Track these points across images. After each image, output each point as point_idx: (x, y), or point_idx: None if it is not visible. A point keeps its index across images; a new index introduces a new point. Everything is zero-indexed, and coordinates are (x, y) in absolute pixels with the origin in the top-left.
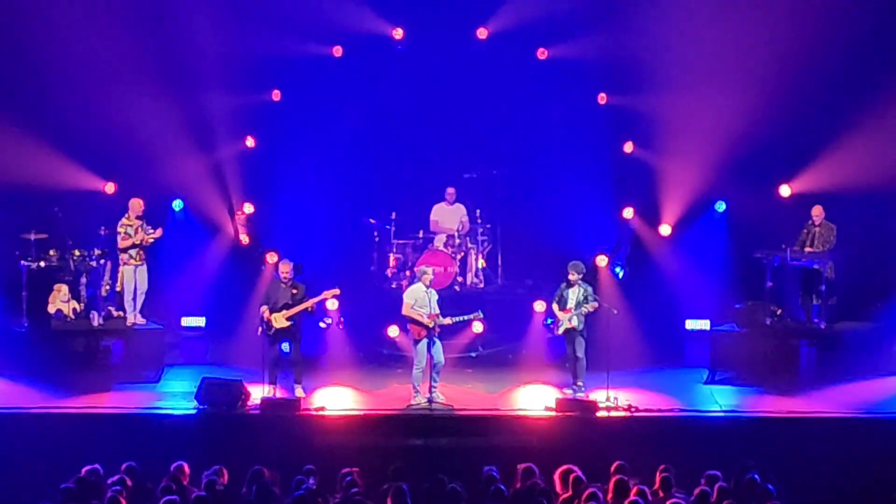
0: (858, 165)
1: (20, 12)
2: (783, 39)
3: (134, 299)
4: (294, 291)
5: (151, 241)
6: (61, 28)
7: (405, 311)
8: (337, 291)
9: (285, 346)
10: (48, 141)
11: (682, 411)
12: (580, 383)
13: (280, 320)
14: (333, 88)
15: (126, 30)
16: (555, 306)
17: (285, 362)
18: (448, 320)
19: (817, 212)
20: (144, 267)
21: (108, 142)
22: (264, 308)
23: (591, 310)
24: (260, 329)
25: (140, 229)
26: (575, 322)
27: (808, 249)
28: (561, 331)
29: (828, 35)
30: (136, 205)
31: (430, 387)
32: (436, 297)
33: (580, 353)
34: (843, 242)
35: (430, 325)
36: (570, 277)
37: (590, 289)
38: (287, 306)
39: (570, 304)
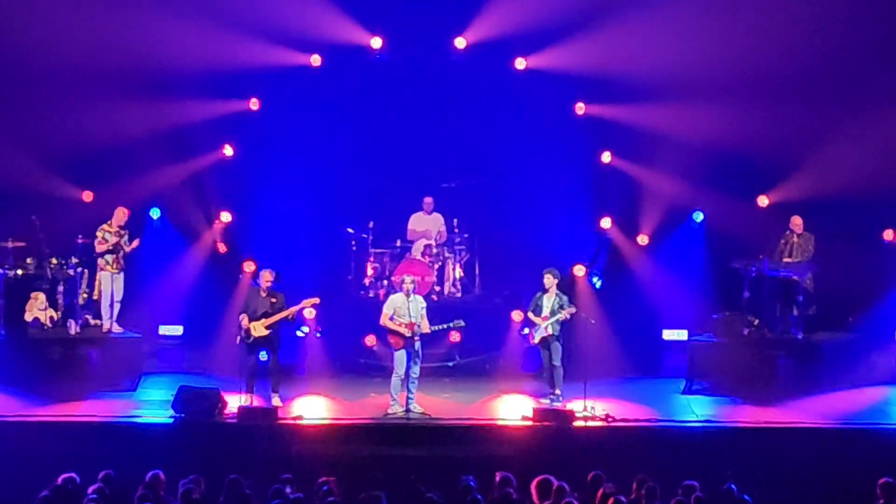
0: (836, 175)
1: None
2: (761, 50)
3: (111, 307)
4: (273, 300)
5: (128, 250)
6: (39, 36)
7: (382, 321)
8: (317, 300)
9: (263, 355)
10: (25, 149)
11: (660, 421)
12: (558, 392)
13: (259, 329)
14: (312, 97)
15: (104, 38)
16: (530, 314)
17: (263, 371)
18: (428, 329)
19: (797, 222)
20: (122, 276)
21: (85, 150)
22: (243, 316)
23: (566, 317)
24: (238, 337)
25: (119, 237)
26: (551, 329)
27: (786, 260)
28: (537, 339)
29: (805, 45)
30: (121, 213)
31: (407, 397)
32: (422, 305)
33: (556, 362)
34: (820, 253)
35: (409, 335)
36: (546, 283)
37: (565, 297)
38: (266, 315)
39: (546, 311)
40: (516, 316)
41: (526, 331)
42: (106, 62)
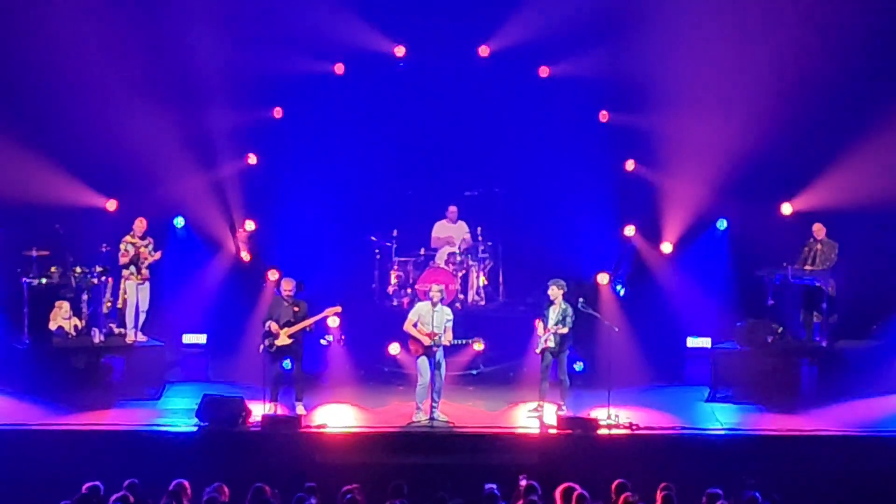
0: (859, 183)
1: (24, 29)
2: (785, 57)
3: (136, 317)
4: (296, 309)
5: (150, 260)
6: (64, 45)
7: (406, 326)
8: (338, 309)
9: (287, 364)
10: (50, 158)
11: (684, 429)
12: (541, 405)
13: (282, 337)
14: (335, 106)
15: (128, 47)
16: (538, 324)
17: (287, 380)
18: (448, 341)
19: (818, 228)
20: (147, 286)
21: (109, 159)
22: (270, 322)
23: (564, 331)
24: (262, 346)
25: (143, 248)
26: (552, 342)
27: (808, 267)
28: (539, 350)
29: (829, 52)
30: (140, 224)
31: (431, 405)
32: (448, 316)
33: (562, 376)
34: (844, 260)
35: (429, 344)
36: (550, 295)
37: (570, 309)
38: (289, 323)
39: (550, 323)
40: (540, 324)
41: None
42: (130, 71)
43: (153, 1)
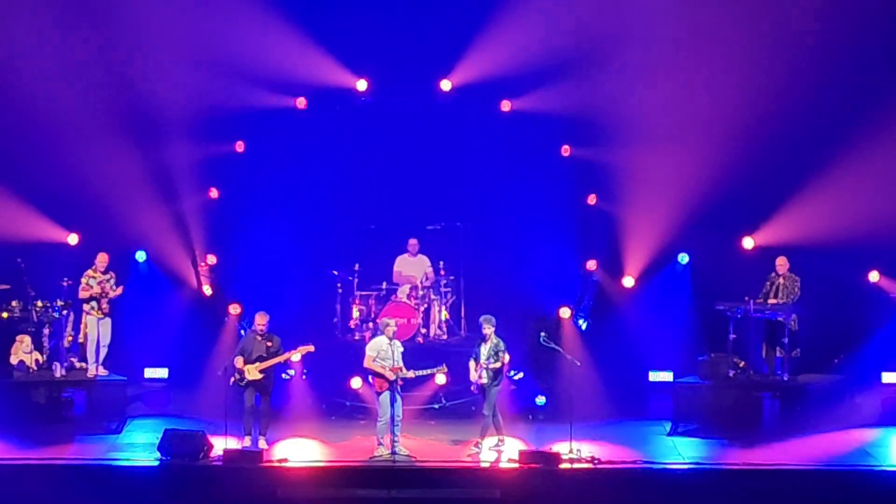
0: (821, 218)
1: None
2: (746, 92)
3: (97, 351)
4: (269, 344)
5: (112, 296)
6: (26, 78)
7: (367, 363)
8: (311, 348)
9: (255, 398)
10: (11, 191)
11: (646, 463)
12: (480, 440)
13: (253, 372)
14: (297, 139)
15: (90, 80)
16: (471, 363)
17: (255, 413)
18: (411, 374)
19: (781, 262)
20: (108, 321)
21: (71, 193)
22: (238, 359)
23: (498, 366)
24: (232, 379)
25: (104, 283)
26: (485, 378)
27: (771, 301)
28: (474, 388)
29: (789, 87)
30: (102, 259)
31: (392, 439)
32: (400, 349)
33: (486, 411)
34: (806, 294)
35: (393, 378)
36: (484, 332)
37: (502, 344)
38: (261, 358)
39: (482, 359)
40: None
41: (512, 373)
42: (91, 105)
43: (116, 34)
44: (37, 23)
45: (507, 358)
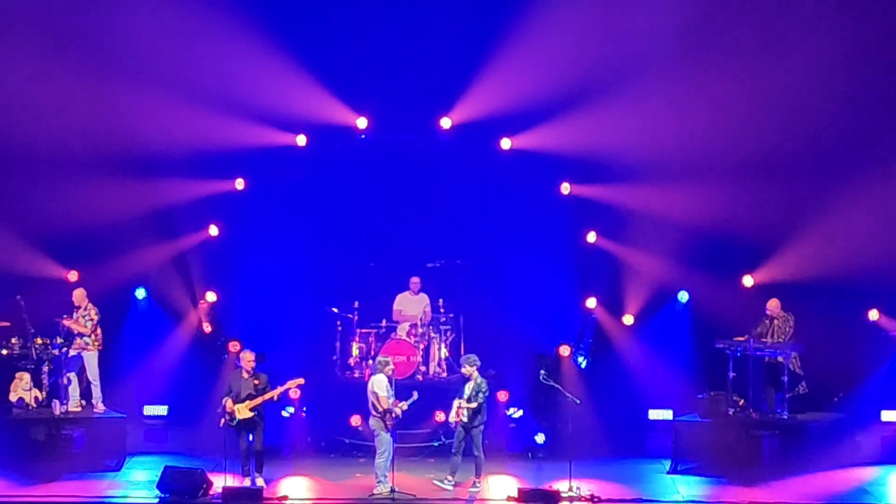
0: (821, 256)
1: None
2: (745, 131)
3: (89, 385)
4: (256, 382)
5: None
6: (23, 117)
7: (385, 403)
8: (301, 381)
9: (248, 437)
10: (10, 229)
11: (645, 501)
12: (450, 478)
13: (243, 411)
14: (297, 177)
15: (89, 118)
16: (455, 402)
17: (248, 452)
18: (405, 406)
19: (773, 304)
20: (94, 354)
21: (71, 230)
22: (226, 399)
23: (473, 407)
24: (223, 420)
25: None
26: (464, 416)
27: (767, 340)
28: (451, 420)
29: (789, 127)
30: (79, 294)
31: (392, 476)
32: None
33: (476, 451)
34: (806, 332)
35: (398, 415)
36: (463, 371)
37: (484, 384)
38: (250, 397)
39: (464, 398)
40: (501, 396)
41: (511, 410)
42: (91, 143)
43: (117, 72)
44: (38, 61)
45: (499, 396)
